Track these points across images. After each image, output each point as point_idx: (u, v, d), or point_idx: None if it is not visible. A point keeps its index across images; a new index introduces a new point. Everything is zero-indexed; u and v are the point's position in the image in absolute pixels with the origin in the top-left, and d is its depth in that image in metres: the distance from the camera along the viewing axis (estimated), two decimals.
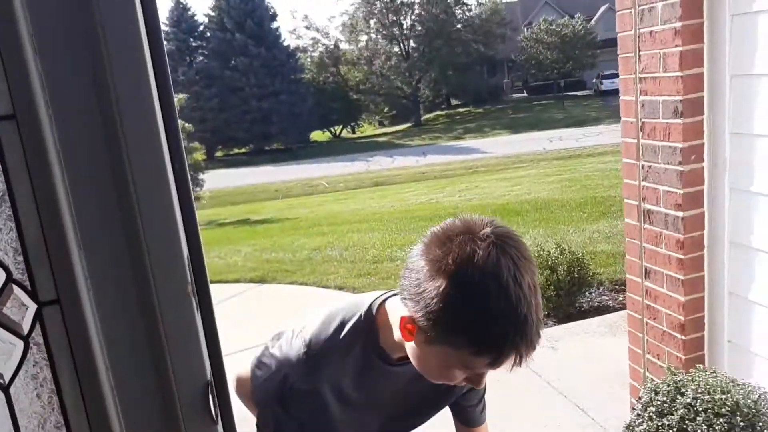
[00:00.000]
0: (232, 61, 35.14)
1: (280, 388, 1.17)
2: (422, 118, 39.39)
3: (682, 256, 2.34)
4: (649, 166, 2.46)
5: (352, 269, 6.63)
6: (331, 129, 40.08)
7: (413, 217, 9.68)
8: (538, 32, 37.94)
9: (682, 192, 2.31)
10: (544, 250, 4.71)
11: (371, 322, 1.09)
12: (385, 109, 41.79)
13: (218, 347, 0.62)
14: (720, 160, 2.25)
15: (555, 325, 4.33)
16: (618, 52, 2.59)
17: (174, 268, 0.57)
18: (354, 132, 42.00)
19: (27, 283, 0.52)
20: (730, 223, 2.24)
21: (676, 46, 2.25)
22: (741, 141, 2.18)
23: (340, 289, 5.97)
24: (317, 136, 38.94)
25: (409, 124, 38.65)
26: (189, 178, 0.61)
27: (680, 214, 2.32)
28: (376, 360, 1.10)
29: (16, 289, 0.52)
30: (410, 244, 7.65)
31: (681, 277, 2.35)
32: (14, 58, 0.49)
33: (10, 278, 0.51)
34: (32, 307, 0.52)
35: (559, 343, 3.90)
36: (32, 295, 0.52)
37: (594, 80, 37.88)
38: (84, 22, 0.51)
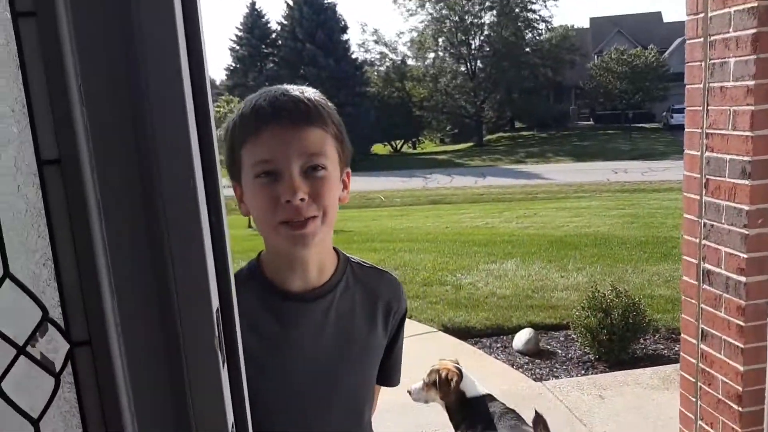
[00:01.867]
0: (301, 70, 35.94)
1: None
2: (484, 139, 39.14)
3: (742, 323, 2.24)
4: (712, 225, 2.37)
5: None
6: (393, 143, 40.36)
7: (467, 241, 9.60)
8: (608, 61, 37.19)
9: (745, 256, 2.22)
10: (599, 291, 4.59)
11: (252, 266, 1.10)
12: (448, 127, 41.75)
13: (243, 400, 0.64)
14: None
15: (605, 371, 4.20)
16: (685, 105, 2.52)
17: (202, 321, 0.58)
18: (415, 147, 42.16)
19: (61, 323, 0.54)
20: None
21: (748, 104, 2.17)
22: None
23: None
24: (378, 149, 39.27)
25: (470, 144, 38.47)
26: (225, 230, 0.62)
27: (743, 279, 2.23)
28: (269, 297, 1.07)
29: (50, 327, 0.54)
30: (462, 270, 7.64)
31: (741, 345, 2.25)
32: (62, 108, 0.52)
33: (45, 316, 0.54)
34: (65, 346, 0.55)
35: (607, 392, 3.78)
36: (65, 334, 0.55)
37: (664, 113, 36.74)
38: (128, 71, 0.53)
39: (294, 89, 1.03)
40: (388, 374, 1.24)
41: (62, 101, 0.52)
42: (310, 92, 1.04)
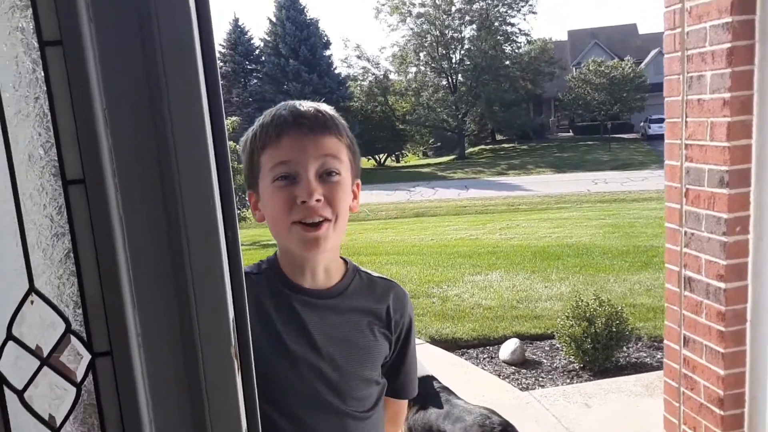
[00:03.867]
0: (285, 86, 36.00)
1: None
2: (466, 152, 39.41)
3: (723, 329, 2.30)
4: (692, 234, 2.44)
5: None
6: (376, 157, 40.51)
7: (452, 253, 9.65)
8: (586, 73, 37.71)
9: (725, 263, 2.28)
10: (582, 300, 4.65)
11: (271, 260, 1.16)
12: (430, 141, 42.03)
13: (255, 407, 0.67)
14: (766, 234, 2.22)
15: (590, 380, 4.25)
16: (665, 116, 2.60)
17: (220, 330, 0.61)
18: (398, 161, 42.41)
19: (84, 335, 0.57)
20: None
21: (724, 116, 2.25)
22: None
23: None
24: (362, 163, 38.73)
25: (453, 157, 38.71)
26: (239, 244, 0.65)
27: (723, 285, 2.29)
28: (282, 289, 1.11)
29: (73, 339, 0.57)
30: (447, 281, 7.68)
31: (721, 350, 2.31)
32: (87, 131, 0.54)
33: (69, 329, 0.57)
34: (86, 356, 0.57)
35: (592, 400, 3.83)
36: (87, 345, 0.57)
37: (642, 124, 37.34)
38: (150, 95, 0.56)
39: (310, 103, 1.11)
40: (402, 385, 1.26)
41: (87, 124, 0.55)
42: (325, 106, 1.12)
